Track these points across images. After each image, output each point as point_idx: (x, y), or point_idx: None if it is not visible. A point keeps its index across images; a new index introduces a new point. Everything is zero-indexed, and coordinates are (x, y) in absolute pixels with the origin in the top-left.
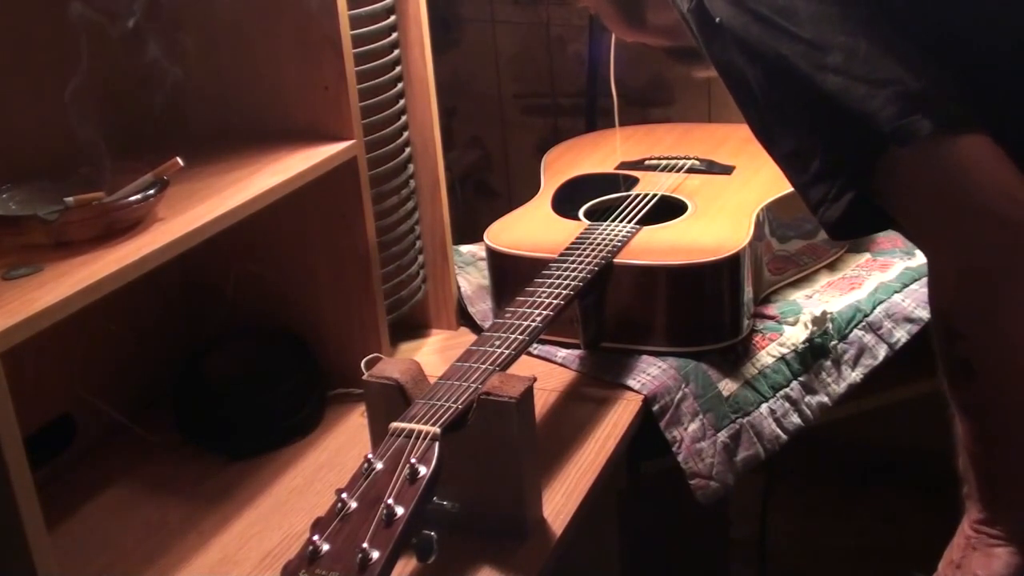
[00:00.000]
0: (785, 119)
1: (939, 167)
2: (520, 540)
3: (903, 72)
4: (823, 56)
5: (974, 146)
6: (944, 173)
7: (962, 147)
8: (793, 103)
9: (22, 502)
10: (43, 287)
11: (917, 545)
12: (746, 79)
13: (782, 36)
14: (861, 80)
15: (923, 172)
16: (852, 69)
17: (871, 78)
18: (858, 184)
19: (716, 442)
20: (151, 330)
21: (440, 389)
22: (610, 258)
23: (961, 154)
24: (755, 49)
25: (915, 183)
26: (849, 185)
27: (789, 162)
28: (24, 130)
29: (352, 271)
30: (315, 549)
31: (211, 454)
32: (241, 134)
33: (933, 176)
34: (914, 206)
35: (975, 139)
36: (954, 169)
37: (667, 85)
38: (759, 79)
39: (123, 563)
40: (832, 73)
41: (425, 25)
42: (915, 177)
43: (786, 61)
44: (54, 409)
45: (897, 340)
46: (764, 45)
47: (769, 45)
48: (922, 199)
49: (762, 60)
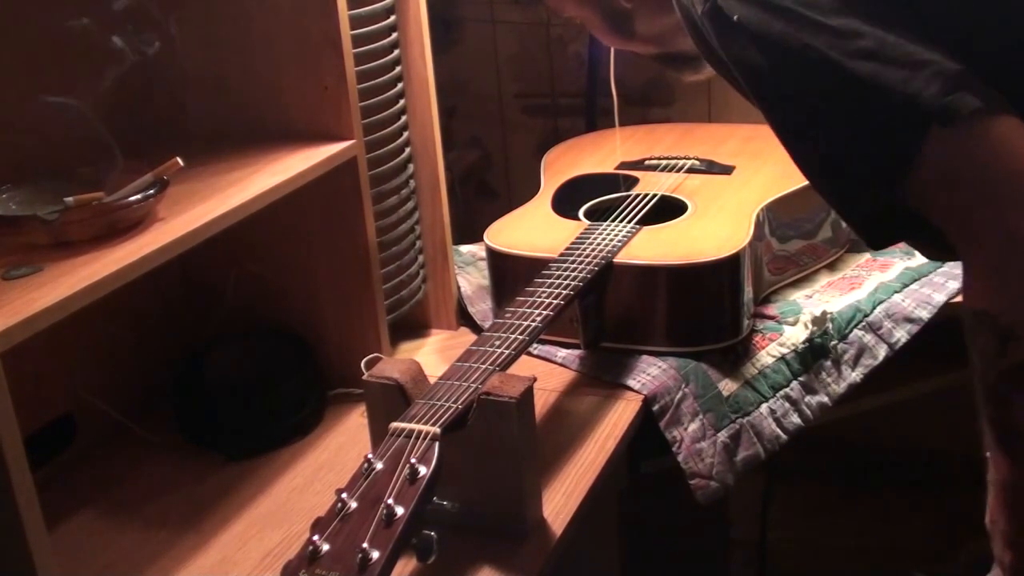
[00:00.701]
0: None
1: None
2: (520, 540)
3: (937, 55)
4: (853, 43)
5: (1015, 127)
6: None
7: (1005, 127)
8: (824, 97)
9: (22, 502)
10: (43, 287)
11: (917, 545)
12: (767, 77)
13: (807, 27)
14: (896, 63)
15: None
16: (885, 53)
17: (907, 60)
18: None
19: (716, 442)
20: (151, 330)
21: (440, 389)
22: (610, 258)
23: (1005, 134)
24: (779, 44)
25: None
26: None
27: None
28: (24, 130)
29: (352, 271)
30: (315, 549)
31: (211, 454)
32: (241, 134)
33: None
34: (955, 193)
35: (1015, 121)
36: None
37: (667, 85)
38: (785, 76)
39: (123, 563)
40: (864, 59)
41: (425, 25)
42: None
43: (815, 51)
44: (54, 409)
45: (897, 340)
46: (790, 38)
47: (794, 37)
48: (964, 183)
49: (787, 55)
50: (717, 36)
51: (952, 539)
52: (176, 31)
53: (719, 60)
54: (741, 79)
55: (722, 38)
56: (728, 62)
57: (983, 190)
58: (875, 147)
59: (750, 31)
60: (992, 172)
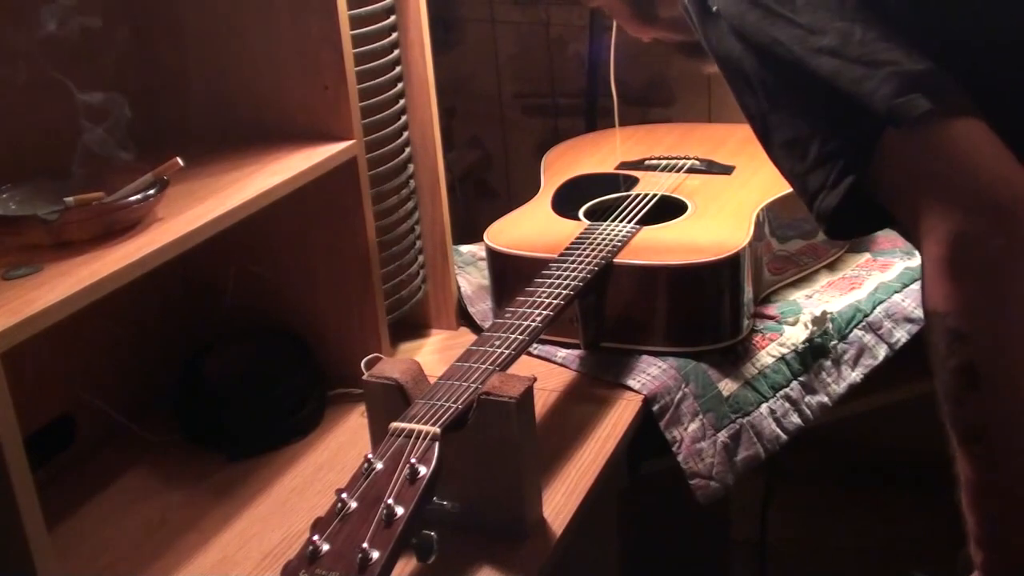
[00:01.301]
0: (782, 107)
1: (936, 149)
2: (520, 540)
3: (900, 55)
4: (817, 39)
5: (972, 129)
6: (941, 155)
7: (959, 130)
8: (789, 90)
9: (22, 502)
10: (43, 287)
11: (917, 545)
12: (743, 68)
13: (777, 21)
14: (856, 62)
15: (920, 155)
16: (847, 51)
17: (867, 60)
18: (856, 170)
19: (716, 442)
20: (151, 330)
21: (440, 389)
22: (610, 258)
23: (959, 136)
24: (751, 35)
25: (911, 167)
26: (847, 171)
27: (786, 152)
28: (24, 130)
29: (352, 271)
30: (315, 549)
31: (211, 454)
32: (241, 134)
33: (929, 159)
34: (909, 193)
35: (972, 123)
36: (951, 151)
37: (667, 85)
38: (755, 67)
39: (123, 563)
40: (826, 55)
41: (425, 25)
42: (911, 160)
43: (780, 46)
44: (54, 409)
45: (897, 340)
46: (760, 31)
47: (765, 31)
48: (918, 184)
49: (757, 47)
50: (698, 24)
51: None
52: (177, 31)
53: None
54: (718, 66)
55: (702, 26)
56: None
57: (934, 190)
58: (834, 142)
59: (727, 21)
60: (941, 174)
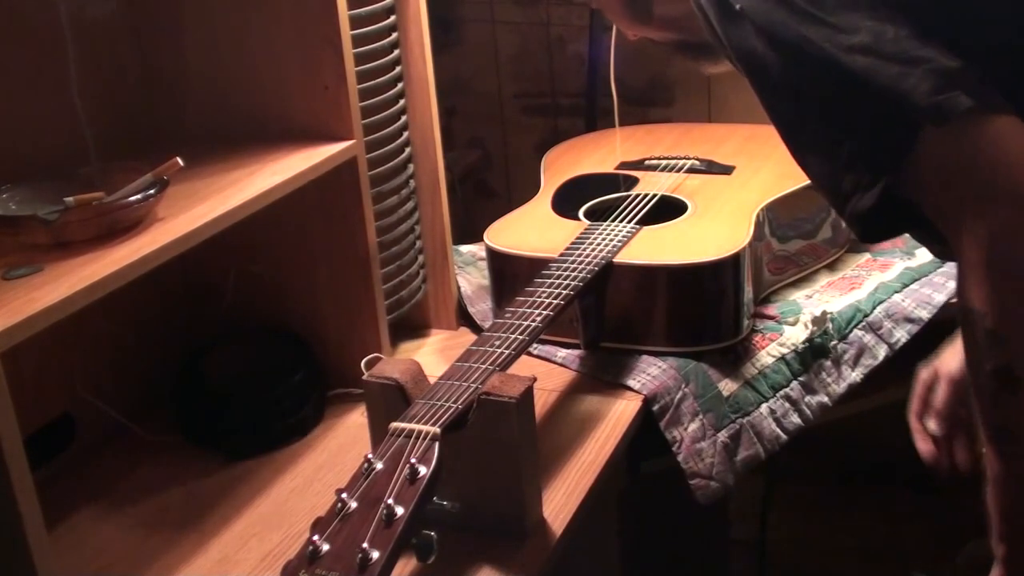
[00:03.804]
0: (810, 108)
1: (975, 147)
2: (520, 540)
3: (934, 53)
4: (849, 37)
5: (1011, 127)
6: (981, 153)
7: (998, 127)
8: (818, 90)
9: (22, 502)
10: (43, 287)
11: (917, 545)
12: (768, 68)
13: (807, 20)
14: (891, 59)
15: (959, 153)
16: (882, 49)
17: (902, 57)
18: (891, 170)
19: (716, 442)
20: (151, 330)
21: (440, 389)
22: (610, 258)
23: (998, 134)
24: (779, 34)
25: (949, 165)
26: (882, 172)
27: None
28: (24, 130)
29: (352, 271)
30: (315, 549)
31: (211, 454)
32: (241, 134)
33: (969, 157)
34: (947, 191)
35: (1010, 120)
36: (992, 149)
37: (667, 85)
38: (783, 66)
39: (123, 563)
40: (859, 53)
41: (425, 25)
42: (950, 159)
43: (811, 44)
44: (54, 409)
45: (897, 340)
46: (789, 30)
47: (794, 29)
48: (957, 182)
49: (786, 46)
50: (720, 23)
51: (952, 539)
52: (177, 31)
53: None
54: (741, 68)
55: (725, 25)
56: (730, 50)
57: (974, 188)
58: (869, 142)
59: (751, 20)
60: (984, 170)
